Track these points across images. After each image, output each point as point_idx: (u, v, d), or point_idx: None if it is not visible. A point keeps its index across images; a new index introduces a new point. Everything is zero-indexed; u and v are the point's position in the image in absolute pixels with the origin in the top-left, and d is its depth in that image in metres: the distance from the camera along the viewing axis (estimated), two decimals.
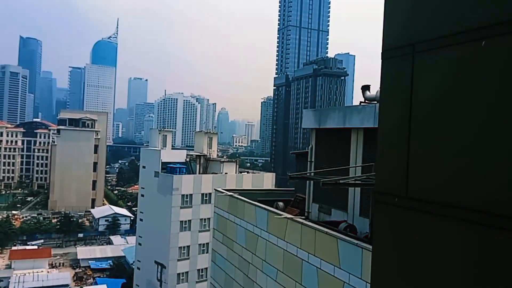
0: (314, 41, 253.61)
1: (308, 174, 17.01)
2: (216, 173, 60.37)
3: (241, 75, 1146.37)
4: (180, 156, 62.87)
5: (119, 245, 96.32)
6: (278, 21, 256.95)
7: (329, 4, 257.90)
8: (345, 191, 15.38)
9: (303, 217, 16.24)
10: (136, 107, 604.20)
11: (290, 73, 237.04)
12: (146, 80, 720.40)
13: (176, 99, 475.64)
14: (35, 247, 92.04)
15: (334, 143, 16.63)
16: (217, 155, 74.57)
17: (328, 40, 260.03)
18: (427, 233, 1.43)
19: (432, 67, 1.46)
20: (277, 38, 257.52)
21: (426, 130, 1.46)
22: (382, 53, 1.69)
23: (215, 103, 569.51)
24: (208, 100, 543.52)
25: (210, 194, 55.73)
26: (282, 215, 15.86)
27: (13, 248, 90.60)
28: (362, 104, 15.61)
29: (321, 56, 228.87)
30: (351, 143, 15.27)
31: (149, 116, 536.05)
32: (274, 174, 67.32)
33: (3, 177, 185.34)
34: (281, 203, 20.13)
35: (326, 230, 13.08)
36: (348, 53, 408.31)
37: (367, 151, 14.44)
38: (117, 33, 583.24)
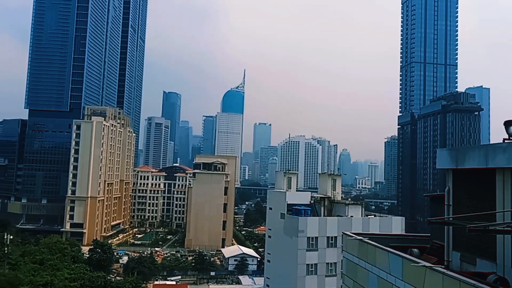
0: (441, 76, 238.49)
1: (446, 219, 15.75)
2: (341, 216, 58.93)
3: (362, 115, 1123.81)
4: (304, 198, 63.08)
5: (247, 285, 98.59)
6: (401, 58, 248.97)
7: (456, 37, 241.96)
8: (493, 238, 13.81)
9: (443, 266, 14.92)
10: (261, 150, 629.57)
11: (415, 111, 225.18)
12: (270, 124, 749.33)
13: (298, 142, 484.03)
14: (174, 282, 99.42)
15: (475, 184, 15.22)
16: (341, 197, 73.00)
17: (457, 74, 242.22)
18: None
19: None
20: (400, 76, 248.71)
21: None
22: None
23: (336, 145, 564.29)
24: (329, 142, 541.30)
25: (335, 237, 54.42)
26: (419, 263, 14.81)
27: (155, 282, 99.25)
28: (506, 141, 14.16)
29: (450, 91, 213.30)
30: (497, 185, 13.82)
31: (272, 159, 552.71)
32: (403, 218, 63.13)
33: (148, 216, 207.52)
34: (416, 250, 18.79)
35: (473, 282, 11.82)
36: (482, 86, 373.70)
37: None
38: (244, 83, 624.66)
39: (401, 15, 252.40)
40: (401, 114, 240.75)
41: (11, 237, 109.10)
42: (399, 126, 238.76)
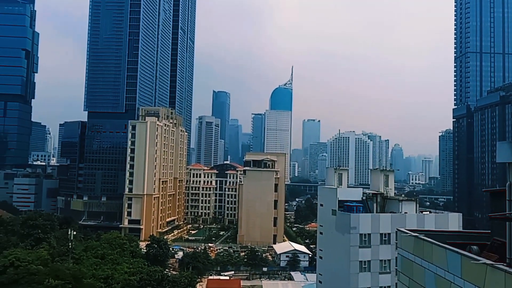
0: (498, 66, 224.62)
1: (508, 214, 15.21)
2: (395, 212, 57.57)
3: (415, 109, 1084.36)
4: (356, 194, 62.20)
5: (300, 282, 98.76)
6: (455, 48, 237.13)
7: None
8: None
9: (505, 264, 14.45)
10: (310, 147, 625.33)
11: (472, 103, 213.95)
12: (319, 121, 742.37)
13: (348, 137, 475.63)
14: (227, 277, 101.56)
15: None
16: (394, 193, 71.16)
17: None
18: None
19: None
20: (454, 67, 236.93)
21: None
22: None
23: (387, 140, 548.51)
24: (380, 137, 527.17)
25: (389, 234, 53.35)
26: (479, 260, 14.44)
27: (210, 277, 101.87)
28: None
29: (509, 82, 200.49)
30: None
31: (322, 155, 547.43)
32: (460, 214, 60.53)
33: (202, 213, 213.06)
34: (475, 247, 18.27)
35: None
36: None
37: None
38: (291, 80, 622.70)
39: (455, 4, 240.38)
40: (456, 106, 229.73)
41: (75, 232, 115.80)
42: (454, 119, 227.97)
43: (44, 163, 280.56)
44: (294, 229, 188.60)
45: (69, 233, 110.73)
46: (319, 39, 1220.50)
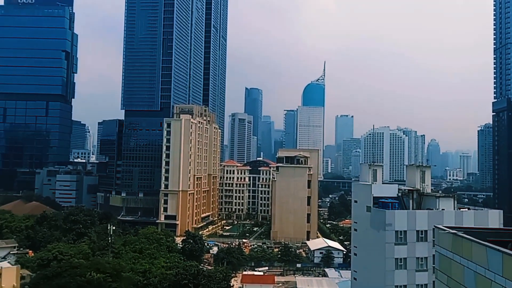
0: None
1: None
2: (432, 209, 56.36)
3: (452, 104, 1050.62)
4: (391, 190, 61.26)
5: (334, 278, 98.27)
6: (494, 40, 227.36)
7: None
8: None
9: None
10: (343, 143, 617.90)
11: None
12: (352, 116, 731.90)
13: (383, 133, 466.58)
14: (261, 273, 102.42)
15: None
16: (431, 189, 69.55)
17: None
18: None
19: None
20: (494, 59, 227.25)
21: None
22: None
23: (423, 135, 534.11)
24: (415, 132, 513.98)
25: (425, 231, 52.35)
26: None
27: (244, 272, 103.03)
28: None
29: None
30: None
31: (356, 151, 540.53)
32: (501, 211, 58.48)
33: (235, 209, 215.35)
34: None
35: None
36: None
37: None
38: (324, 75, 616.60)
39: None
40: (496, 100, 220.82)
41: (114, 227, 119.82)
42: (494, 113, 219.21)
43: (84, 161, 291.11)
44: (327, 225, 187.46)
45: (108, 228, 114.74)
46: (353, 36, 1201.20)
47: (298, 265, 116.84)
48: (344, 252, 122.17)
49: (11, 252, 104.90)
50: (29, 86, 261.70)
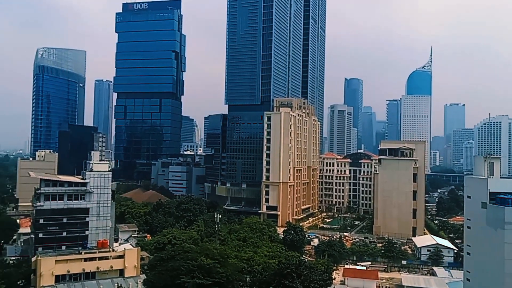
0: None
1: None
2: None
3: None
4: (511, 185, 55.94)
5: (443, 278, 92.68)
6: None
7: None
8: None
9: None
10: (454, 134, 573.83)
11: None
12: (463, 105, 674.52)
13: (500, 122, 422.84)
14: (364, 268, 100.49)
15: None
16: None
17: None
18: None
19: None
20: None
21: None
22: None
23: None
24: None
25: None
26: None
27: (346, 266, 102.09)
28: None
29: None
30: None
31: (468, 142, 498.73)
32: None
33: (336, 202, 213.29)
34: None
35: None
36: None
37: None
38: (430, 62, 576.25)
39: None
40: None
41: (220, 216, 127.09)
42: None
43: (193, 153, 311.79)
44: (435, 222, 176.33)
45: (215, 216, 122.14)
46: (459, 20, 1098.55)
47: (404, 262, 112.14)
48: (455, 251, 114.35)
49: (132, 236, 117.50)
50: (145, 86, 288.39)
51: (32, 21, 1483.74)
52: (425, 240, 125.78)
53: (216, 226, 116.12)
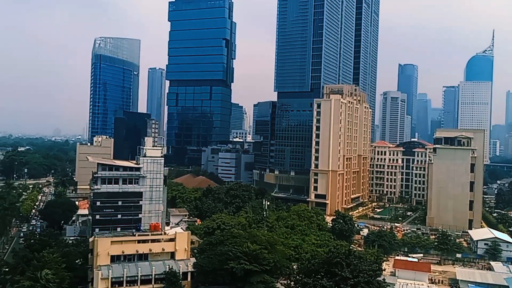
0: None
1: None
2: None
3: None
4: None
5: (501, 273, 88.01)
6: None
7: None
8: None
9: None
10: None
11: None
12: None
13: None
14: (416, 260, 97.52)
15: None
16: None
17: None
18: None
19: None
20: None
21: None
22: None
23: None
24: None
25: None
26: None
27: (397, 257, 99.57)
28: None
29: None
30: None
31: None
32: None
33: (387, 191, 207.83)
34: None
35: None
36: None
37: None
38: (492, 46, 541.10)
39: None
40: None
41: (268, 203, 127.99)
42: None
43: (242, 140, 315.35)
44: (494, 214, 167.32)
45: (263, 203, 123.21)
46: None
47: (458, 255, 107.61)
48: None
49: (183, 220, 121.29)
50: (196, 73, 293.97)
51: (92, 12, 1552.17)
52: (482, 233, 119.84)
53: (264, 212, 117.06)
